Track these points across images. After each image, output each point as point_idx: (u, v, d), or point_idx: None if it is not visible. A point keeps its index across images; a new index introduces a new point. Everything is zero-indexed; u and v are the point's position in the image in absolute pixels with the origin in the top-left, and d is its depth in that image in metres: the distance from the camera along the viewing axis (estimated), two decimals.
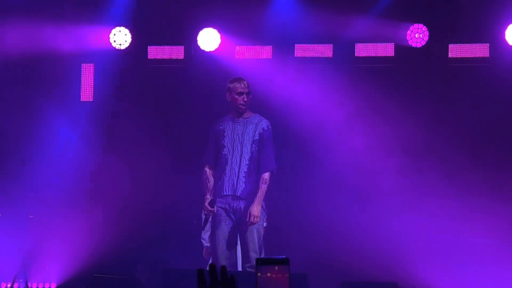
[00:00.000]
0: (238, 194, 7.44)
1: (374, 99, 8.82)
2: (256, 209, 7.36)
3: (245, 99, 7.50)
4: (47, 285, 8.67)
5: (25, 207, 8.73)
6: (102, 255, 8.61)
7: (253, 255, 7.29)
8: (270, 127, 7.58)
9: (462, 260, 8.30)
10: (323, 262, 8.52)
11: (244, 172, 7.47)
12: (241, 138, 7.52)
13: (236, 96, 7.51)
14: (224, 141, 7.53)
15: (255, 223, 7.36)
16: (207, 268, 3.28)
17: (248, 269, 7.26)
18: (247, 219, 7.35)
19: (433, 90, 8.73)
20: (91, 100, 9.18)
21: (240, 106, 7.52)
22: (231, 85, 7.53)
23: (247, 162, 7.48)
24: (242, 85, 7.51)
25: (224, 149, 7.52)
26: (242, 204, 7.45)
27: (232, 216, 7.46)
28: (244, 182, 7.45)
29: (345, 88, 8.84)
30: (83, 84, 9.19)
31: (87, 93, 9.19)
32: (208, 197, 7.47)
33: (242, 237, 7.46)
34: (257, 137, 7.52)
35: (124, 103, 9.08)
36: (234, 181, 7.45)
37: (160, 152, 8.97)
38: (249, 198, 7.43)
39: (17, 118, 9.04)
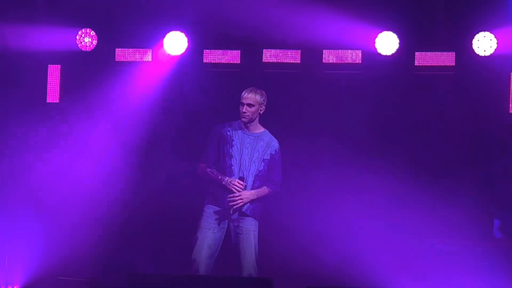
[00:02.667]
0: (243, 210, 7.39)
1: (341, 104, 8.86)
2: (248, 194, 7.33)
3: (243, 110, 7.39)
4: (9, 287, 8.59)
5: None
6: (66, 258, 8.55)
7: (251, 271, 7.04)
8: (279, 149, 7.54)
9: (425, 265, 8.35)
10: (288, 267, 8.53)
11: (250, 188, 7.41)
12: (250, 154, 7.43)
13: (240, 106, 7.45)
14: (231, 150, 7.43)
15: (237, 205, 7.28)
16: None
17: None
18: (231, 199, 7.28)
19: (399, 97, 8.79)
20: (57, 101, 9.13)
21: (240, 115, 7.43)
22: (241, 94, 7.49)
23: (253, 179, 7.42)
24: (245, 94, 7.41)
25: (232, 159, 7.41)
26: (244, 220, 7.39)
27: (223, 226, 7.39)
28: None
29: (312, 94, 8.87)
30: (49, 85, 9.13)
31: (53, 94, 9.14)
32: (228, 178, 7.31)
33: (238, 249, 7.35)
34: (268, 157, 7.48)
35: (91, 105, 9.03)
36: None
37: (127, 154, 8.94)
38: (253, 215, 7.42)
39: None
